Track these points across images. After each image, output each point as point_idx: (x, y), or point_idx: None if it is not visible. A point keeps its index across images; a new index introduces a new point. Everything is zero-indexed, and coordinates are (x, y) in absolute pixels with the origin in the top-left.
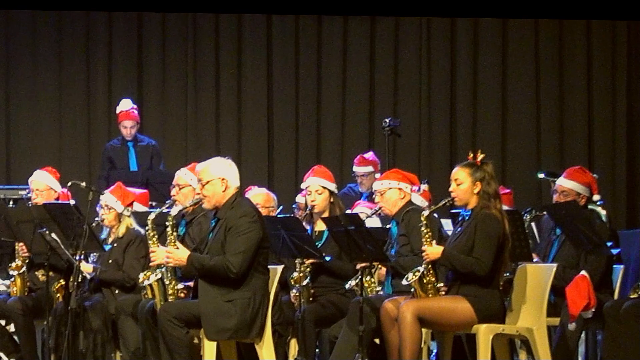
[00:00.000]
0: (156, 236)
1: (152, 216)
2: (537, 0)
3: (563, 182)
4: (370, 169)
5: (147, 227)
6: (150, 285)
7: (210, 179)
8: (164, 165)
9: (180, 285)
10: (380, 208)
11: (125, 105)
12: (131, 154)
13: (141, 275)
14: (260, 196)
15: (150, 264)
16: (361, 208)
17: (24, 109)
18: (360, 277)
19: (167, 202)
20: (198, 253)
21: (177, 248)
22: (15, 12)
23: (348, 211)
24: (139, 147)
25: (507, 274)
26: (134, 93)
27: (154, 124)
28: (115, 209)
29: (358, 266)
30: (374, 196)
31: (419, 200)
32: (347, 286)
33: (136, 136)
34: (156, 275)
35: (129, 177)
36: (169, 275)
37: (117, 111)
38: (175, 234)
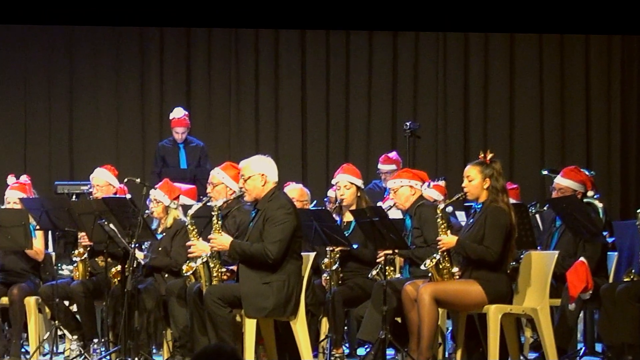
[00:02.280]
0: (195, 230)
1: (191, 211)
2: (541, 17)
3: (560, 181)
4: (393, 167)
5: (187, 222)
6: (195, 271)
7: (252, 175)
8: (210, 164)
9: (224, 269)
10: (394, 203)
11: (178, 113)
12: (182, 153)
13: (184, 266)
14: (295, 191)
15: (189, 255)
16: (387, 202)
17: (86, 114)
18: (380, 266)
19: (203, 198)
20: (240, 241)
21: (222, 234)
22: (78, 28)
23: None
24: (189, 148)
25: (514, 263)
26: (182, 100)
27: (200, 128)
28: (163, 202)
29: (380, 254)
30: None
31: (435, 194)
32: (370, 275)
33: (186, 138)
34: (202, 259)
35: (178, 174)
36: (214, 259)
37: (171, 117)
38: (219, 222)
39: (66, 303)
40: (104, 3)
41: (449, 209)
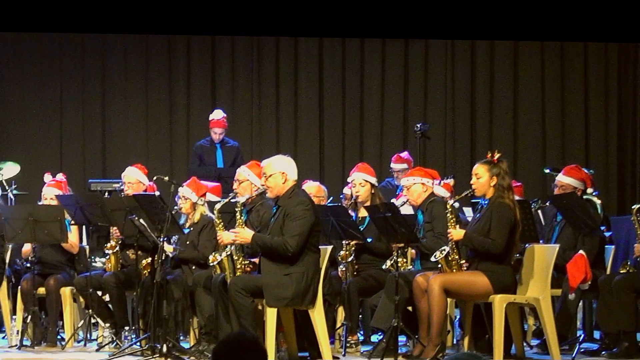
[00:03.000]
0: (222, 222)
1: (218, 206)
2: (542, 25)
3: (561, 178)
4: (405, 166)
5: (214, 215)
6: (220, 263)
7: (273, 173)
8: (243, 161)
9: (247, 261)
10: (407, 200)
11: (217, 115)
12: (218, 153)
13: (210, 257)
14: (313, 188)
15: (219, 243)
16: (400, 199)
17: (117, 116)
18: (394, 258)
19: (230, 194)
20: (261, 235)
21: (244, 228)
22: (110, 36)
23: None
24: (225, 148)
25: (518, 256)
26: (208, 104)
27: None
28: (191, 199)
29: (393, 246)
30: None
31: (442, 192)
32: (383, 266)
33: (224, 139)
34: (226, 252)
35: (209, 172)
36: (237, 252)
37: (210, 118)
38: (242, 217)
39: (99, 293)
40: (135, 13)
41: (457, 204)
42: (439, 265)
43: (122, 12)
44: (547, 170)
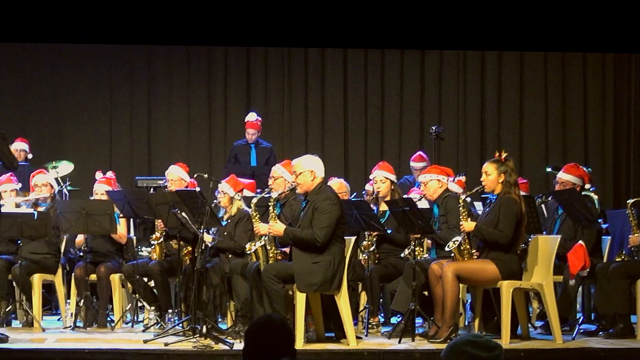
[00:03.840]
0: (258, 215)
1: (254, 200)
2: (545, 37)
3: (562, 175)
4: (425, 164)
5: (251, 209)
6: (255, 252)
7: (302, 171)
8: (276, 161)
9: (278, 250)
10: (424, 194)
11: (251, 117)
12: (252, 152)
13: (247, 245)
14: (336, 184)
15: (255, 233)
16: (413, 194)
17: (161, 119)
18: (412, 247)
19: (265, 189)
20: (292, 227)
21: (277, 222)
22: (155, 47)
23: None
24: (259, 148)
25: (523, 245)
26: (243, 108)
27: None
28: (229, 194)
29: (411, 237)
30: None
31: (455, 188)
32: (402, 255)
33: (257, 139)
34: (260, 242)
35: (244, 170)
36: (270, 242)
37: (245, 120)
38: (275, 211)
39: (145, 279)
40: (178, 26)
41: (469, 199)
42: (452, 254)
43: (165, 25)
44: (549, 169)
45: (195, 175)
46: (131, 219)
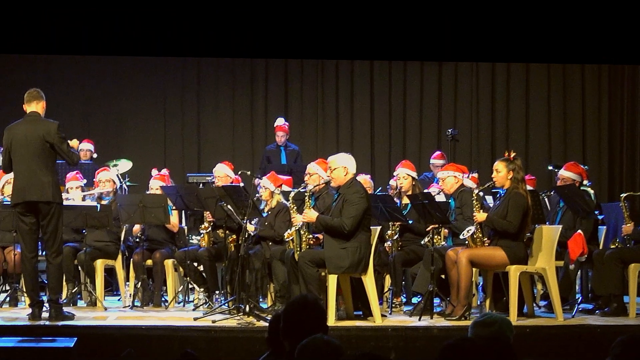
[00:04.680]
0: (295, 207)
1: (292, 194)
2: (549, 50)
3: (563, 172)
4: (444, 162)
5: (289, 202)
6: (292, 239)
7: (337, 167)
8: (303, 162)
9: (311, 235)
10: (442, 189)
11: (280, 121)
12: (282, 154)
13: (286, 233)
14: (361, 180)
15: (292, 222)
16: (432, 189)
17: (210, 123)
18: (430, 236)
19: (302, 185)
20: (324, 216)
21: (311, 210)
22: (204, 59)
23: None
24: (288, 150)
25: (529, 234)
26: (281, 113)
27: (295, 134)
28: (270, 188)
29: (429, 228)
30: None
31: (470, 183)
32: (422, 243)
33: (286, 143)
34: (295, 227)
35: (280, 168)
36: (304, 229)
37: (275, 124)
38: (310, 203)
39: (195, 264)
40: (223, 40)
41: (481, 193)
42: (466, 242)
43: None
44: (550, 167)
45: (239, 172)
46: (183, 211)
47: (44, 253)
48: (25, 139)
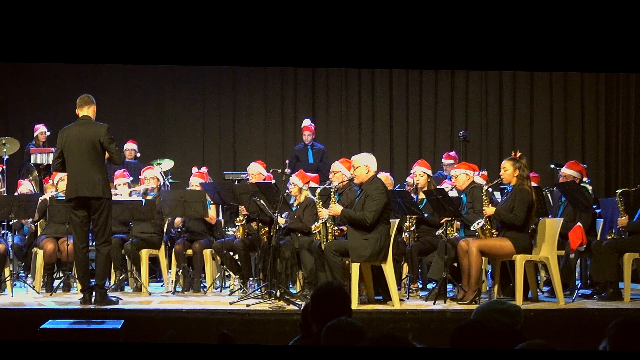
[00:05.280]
0: (321, 202)
1: (318, 190)
2: (551, 59)
3: (564, 170)
4: (452, 161)
5: (316, 197)
6: (319, 231)
7: (359, 165)
8: (327, 160)
9: (336, 227)
10: (455, 185)
11: (306, 122)
12: (309, 153)
13: (313, 226)
14: (382, 177)
15: (319, 215)
16: (445, 185)
17: (244, 126)
18: (444, 228)
19: (326, 181)
20: (348, 209)
21: (336, 205)
22: (239, 68)
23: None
24: (314, 150)
25: (533, 226)
26: (309, 117)
27: (322, 136)
28: (298, 185)
29: (443, 220)
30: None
31: (480, 180)
32: (436, 234)
33: (312, 142)
34: (322, 220)
35: (308, 167)
36: (330, 221)
37: (302, 125)
38: (334, 197)
39: (231, 253)
40: (256, 50)
41: (490, 189)
42: (477, 233)
43: (248, 50)
44: (552, 165)
45: (271, 170)
46: (220, 205)
47: (93, 243)
48: (78, 140)
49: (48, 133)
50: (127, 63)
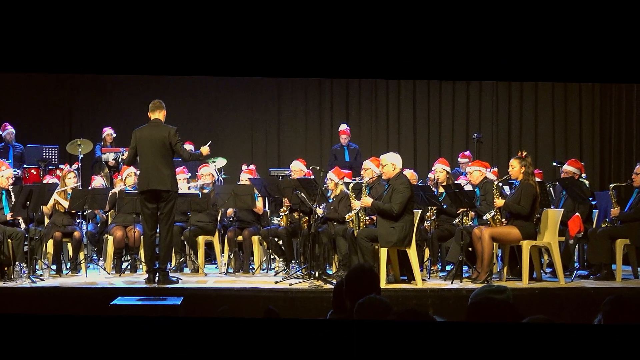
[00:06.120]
0: (354, 195)
1: (351, 184)
2: (553, 70)
3: (565, 167)
4: (467, 160)
5: (349, 191)
6: (352, 220)
7: (387, 163)
8: (361, 158)
9: (367, 217)
10: (469, 181)
11: (343, 126)
12: (345, 152)
13: (346, 216)
14: (409, 173)
15: (352, 206)
16: (461, 180)
17: (288, 129)
18: (460, 217)
19: (359, 177)
20: (377, 201)
21: (367, 197)
22: (282, 79)
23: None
24: (350, 149)
25: (538, 216)
26: (344, 121)
27: (355, 137)
28: (334, 180)
29: (459, 211)
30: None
31: (491, 176)
32: (454, 222)
33: (349, 143)
34: (355, 211)
35: (344, 164)
36: (362, 212)
37: (339, 129)
38: (365, 192)
39: (276, 239)
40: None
41: (500, 184)
42: (488, 222)
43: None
44: (554, 163)
45: (310, 168)
46: (266, 198)
47: (157, 230)
48: (150, 139)
49: (114, 135)
50: (186, 75)
